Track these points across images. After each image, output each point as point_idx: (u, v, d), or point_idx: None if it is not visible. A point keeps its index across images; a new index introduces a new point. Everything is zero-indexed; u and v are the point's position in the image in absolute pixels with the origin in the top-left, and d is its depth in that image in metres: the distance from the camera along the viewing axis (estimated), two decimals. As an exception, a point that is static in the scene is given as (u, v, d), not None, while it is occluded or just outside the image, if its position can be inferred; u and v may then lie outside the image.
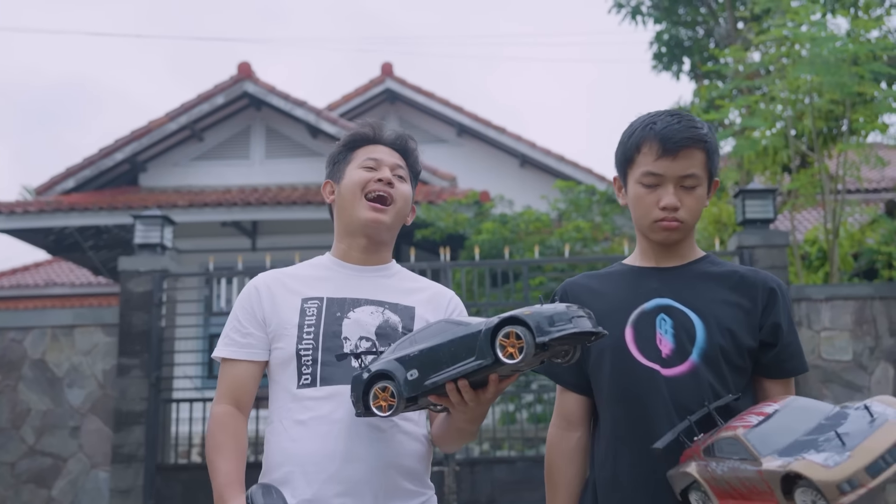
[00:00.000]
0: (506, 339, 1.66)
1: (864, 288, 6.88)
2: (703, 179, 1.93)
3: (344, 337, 1.99)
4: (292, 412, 1.98)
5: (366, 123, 2.21)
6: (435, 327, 1.79)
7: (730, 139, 9.33)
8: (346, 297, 2.06)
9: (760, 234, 6.75)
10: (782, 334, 1.91)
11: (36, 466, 6.89)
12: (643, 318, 1.92)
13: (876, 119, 8.35)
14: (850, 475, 1.42)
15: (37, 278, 18.34)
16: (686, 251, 2.01)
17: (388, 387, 1.76)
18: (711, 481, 1.66)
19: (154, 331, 6.98)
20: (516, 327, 1.65)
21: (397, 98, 14.66)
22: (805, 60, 7.97)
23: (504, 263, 7.27)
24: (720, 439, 1.66)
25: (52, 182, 12.25)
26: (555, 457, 2.02)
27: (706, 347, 1.86)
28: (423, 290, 2.16)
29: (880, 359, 6.66)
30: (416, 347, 1.76)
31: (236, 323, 2.08)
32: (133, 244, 7.29)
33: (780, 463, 1.51)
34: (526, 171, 14.14)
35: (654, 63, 12.18)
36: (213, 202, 11.09)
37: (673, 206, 1.91)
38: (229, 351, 2.07)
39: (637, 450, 1.85)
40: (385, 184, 2.10)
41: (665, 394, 1.84)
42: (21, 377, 7.01)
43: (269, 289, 2.09)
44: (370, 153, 2.15)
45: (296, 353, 1.99)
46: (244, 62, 12.03)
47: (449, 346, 1.72)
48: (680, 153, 1.90)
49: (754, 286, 1.93)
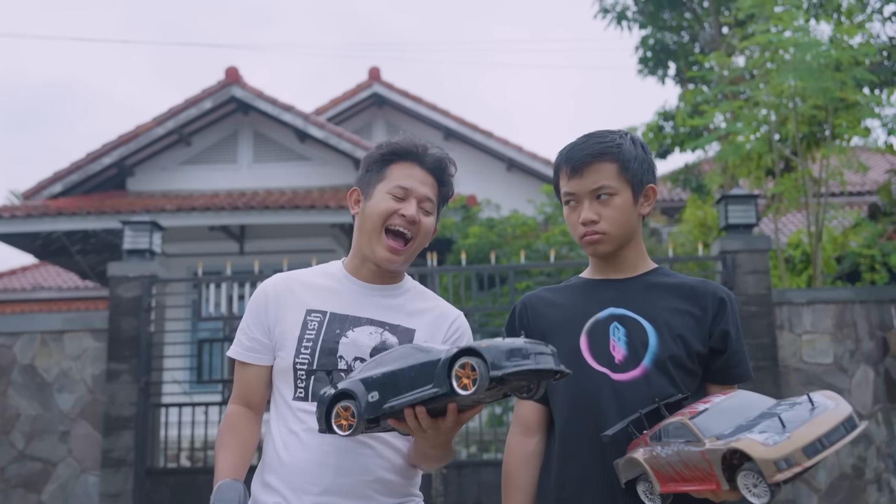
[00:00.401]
0: (461, 370, 1.66)
1: (845, 292, 6.98)
2: (620, 189, 2.00)
3: (339, 355, 2.01)
4: (287, 421, 2.02)
5: (412, 141, 2.11)
6: (400, 351, 1.79)
7: (714, 144, 9.42)
8: (349, 315, 2.05)
9: (743, 239, 6.84)
10: (731, 342, 2.00)
11: (25, 471, 6.91)
12: (597, 327, 2.00)
13: (858, 124, 8.46)
14: (788, 454, 1.50)
15: (24, 282, 18.29)
16: (636, 263, 2.09)
17: (350, 406, 1.78)
18: (655, 466, 1.73)
19: (143, 336, 7.01)
20: (472, 359, 1.65)
21: (385, 102, 14.73)
22: (788, 65, 8.06)
23: (490, 268, 7.33)
24: (667, 424, 1.74)
25: (40, 186, 12.25)
26: (512, 461, 2.08)
27: (658, 353, 1.94)
28: (428, 312, 2.13)
29: (860, 361, 6.76)
30: (379, 370, 1.78)
31: (246, 326, 2.11)
32: (122, 250, 7.32)
33: (724, 441, 1.59)
34: (513, 175, 14.23)
35: (640, 68, 12.26)
36: (201, 206, 11.11)
37: (589, 220, 2.01)
38: (236, 352, 2.11)
39: (587, 450, 1.93)
40: (408, 222, 2.05)
41: (616, 397, 1.92)
42: (10, 382, 7.03)
43: (277, 295, 2.10)
44: (404, 178, 2.06)
45: (292, 366, 2.02)
46: (231, 67, 12.06)
47: (410, 371, 1.73)
48: (585, 169, 2.00)
49: (704, 296, 2.02)
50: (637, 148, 2.04)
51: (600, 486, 1.91)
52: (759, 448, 1.52)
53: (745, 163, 8.96)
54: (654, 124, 11.01)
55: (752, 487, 1.55)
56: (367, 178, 2.11)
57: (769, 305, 6.74)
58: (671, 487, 1.72)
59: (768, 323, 6.70)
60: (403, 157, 2.09)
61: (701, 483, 1.65)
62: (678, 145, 10.79)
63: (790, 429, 1.54)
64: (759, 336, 6.68)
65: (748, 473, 1.55)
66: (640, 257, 2.10)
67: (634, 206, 2.03)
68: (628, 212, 2.01)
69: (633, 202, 2.02)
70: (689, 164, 11.72)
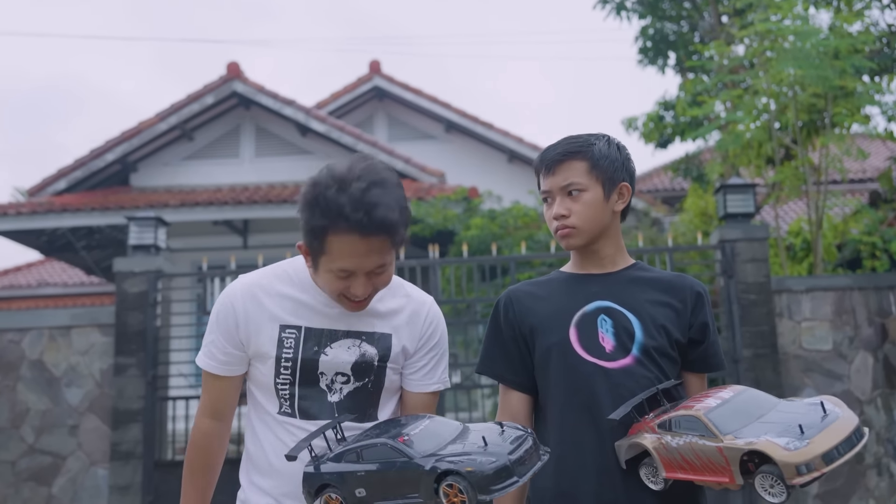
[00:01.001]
0: (449, 489, 1.68)
1: (844, 279, 7.03)
2: (590, 185, 2.10)
3: (320, 372, 2.01)
4: (276, 430, 2.04)
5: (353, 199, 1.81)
6: (379, 449, 1.78)
7: (715, 133, 9.46)
8: (325, 329, 2.03)
9: (742, 228, 6.89)
10: (709, 333, 2.13)
11: (36, 465, 7.00)
12: (585, 319, 2.10)
13: (858, 111, 8.49)
14: (808, 460, 1.59)
15: (29, 279, 18.38)
16: (615, 258, 2.20)
17: (338, 497, 1.80)
18: (663, 452, 1.82)
19: (149, 330, 7.09)
20: (459, 480, 1.66)
21: (385, 95, 14.77)
22: (788, 54, 8.09)
23: (492, 259, 7.39)
24: (678, 416, 1.81)
25: (44, 183, 12.32)
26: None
27: (644, 343, 2.05)
28: (401, 311, 2.10)
29: (859, 348, 6.82)
30: (362, 467, 1.78)
31: (216, 341, 2.06)
32: (127, 245, 7.39)
33: (744, 441, 1.67)
34: (514, 166, 14.27)
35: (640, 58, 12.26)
36: (205, 201, 11.18)
37: (559, 215, 2.12)
38: (211, 366, 2.08)
39: (585, 437, 2.02)
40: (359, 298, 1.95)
41: (610, 384, 2.02)
42: (20, 377, 7.12)
43: (246, 311, 2.03)
44: (345, 258, 1.86)
45: (274, 386, 2.03)
46: (233, 62, 12.11)
47: (394, 475, 1.74)
48: (556, 168, 2.13)
49: (682, 289, 2.14)
50: (611, 149, 2.14)
51: (598, 472, 2.00)
52: (782, 452, 1.61)
53: (745, 152, 9.00)
54: (655, 114, 11.04)
55: (769, 488, 1.64)
56: (308, 243, 1.91)
57: (768, 293, 6.80)
58: (677, 475, 1.81)
59: (767, 311, 6.76)
60: (342, 230, 1.82)
61: (713, 475, 1.73)
62: (679, 135, 10.82)
63: (809, 435, 1.62)
64: (759, 324, 6.74)
65: (766, 476, 1.63)
66: (618, 252, 2.20)
67: (605, 203, 2.12)
68: (598, 207, 2.11)
69: (604, 198, 2.12)
70: (690, 153, 11.74)
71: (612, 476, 1.98)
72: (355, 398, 2.03)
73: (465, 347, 7.67)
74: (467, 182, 11.88)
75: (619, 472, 1.96)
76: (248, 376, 2.11)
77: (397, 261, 7.30)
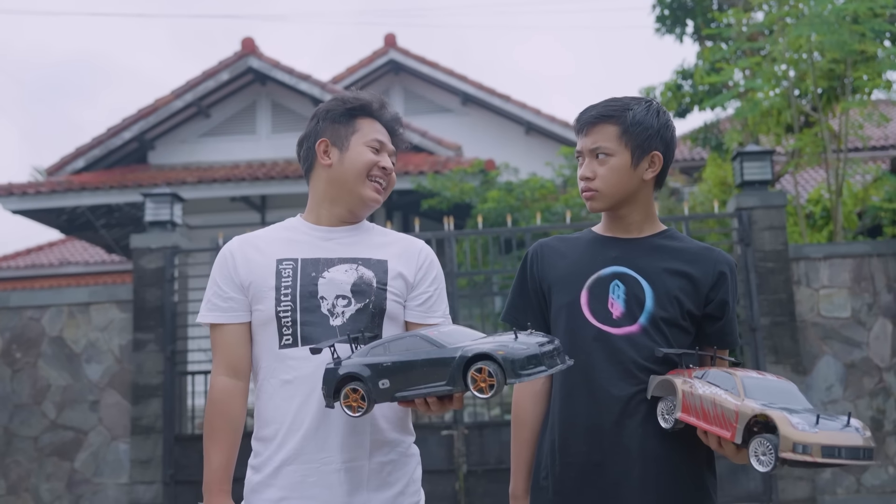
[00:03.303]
0: (478, 374, 1.70)
1: (862, 246, 6.95)
2: (618, 151, 2.09)
3: (321, 297, 2.06)
4: (278, 372, 2.06)
5: (373, 96, 2.23)
6: (409, 340, 1.83)
7: (733, 101, 9.35)
8: (320, 258, 2.11)
9: (759, 196, 6.83)
10: (728, 311, 2.11)
11: (58, 440, 7.10)
12: (598, 283, 2.11)
13: (879, 76, 8.36)
14: (809, 443, 1.64)
15: (51, 258, 18.56)
16: (642, 225, 2.18)
17: (360, 389, 1.82)
18: (687, 395, 1.88)
19: (167, 306, 7.14)
20: (490, 364, 1.69)
21: (401, 69, 14.69)
22: (806, 20, 7.97)
23: (507, 231, 7.36)
24: (716, 371, 1.88)
25: (63, 162, 12.41)
26: (521, 398, 2.22)
27: (653, 313, 2.05)
28: (394, 244, 2.22)
29: (878, 315, 6.75)
30: (388, 358, 1.82)
31: (217, 288, 2.13)
32: (144, 222, 7.44)
33: (761, 405, 1.72)
34: (531, 138, 14.18)
35: (658, 26, 12.12)
36: (222, 178, 11.22)
37: (584, 177, 2.13)
38: (214, 316, 2.13)
39: (579, 398, 2.06)
40: (385, 173, 2.18)
41: (610, 350, 2.04)
42: (40, 354, 7.21)
43: (244, 253, 2.14)
44: (375, 132, 2.18)
45: (275, 315, 2.06)
46: (248, 38, 12.10)
47: (422, 364, 1.77)
48: (589, 130, 2.12)
49: (706, 263, 2.11)
50: (649, 115, 2.10)
51: (588, 433, 2.05)
52: (788, 427, 1.66)
53: (764, 119, 8.90)
54: (673, 83, 10.91)
55: (760, 455, 1.69)
56: (334, 130, 2.17)
57: (786, 261, 6.74)
58: (689, 419, 1.87)
59: (785, 278, 6.71)
60: (366, 113, 2.19)
61: (718, 426, 1.79)
62: (697, 104, 10.69)
63: (821, 427, 1.67)
64: (777, 291, 6.69)
65: (763, 441, 1.69)
66: (646, 220, 2.17)
67: (633, 170, 2.10)
68: (623, 173, 2.09)
69: (632, 165, 2.09)
70: (709, 122, 11.61)
71: (602, 438, 2.02)
72: (357, 320, 2.07)
73: (483, 320, 7.66)
74: (484, 155, 11.83)
75: (608, 435, 2.01)
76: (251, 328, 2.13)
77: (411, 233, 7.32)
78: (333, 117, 2.19)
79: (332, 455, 2.01)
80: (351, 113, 2.18)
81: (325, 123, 2.19)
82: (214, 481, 2.05)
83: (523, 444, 2.20)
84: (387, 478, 2.06)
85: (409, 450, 2.16)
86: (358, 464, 2.02)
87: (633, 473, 1.99)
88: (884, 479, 6.57)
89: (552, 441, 2.11)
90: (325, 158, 2.17)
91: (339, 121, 2.18)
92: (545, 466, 2.12)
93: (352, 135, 2.16)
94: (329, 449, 2.01)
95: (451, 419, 6.88)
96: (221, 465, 2.06)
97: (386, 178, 2.18)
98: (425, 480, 2.26)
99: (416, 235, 7.13)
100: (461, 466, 6.71)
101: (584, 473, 2.04)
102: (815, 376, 6.68)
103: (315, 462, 2.00)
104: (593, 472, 2.03)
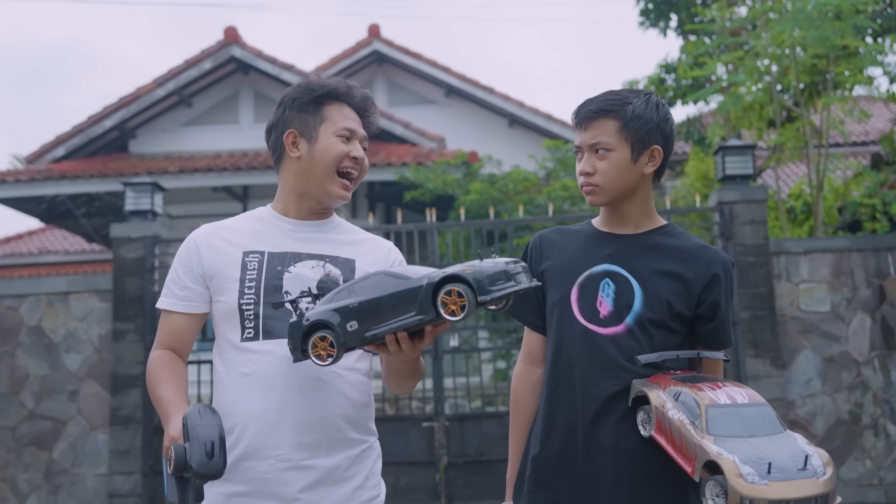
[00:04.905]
0: (447, 297, 1.69)
1: (842, 241, 7.00)
2: (618, 146, 2.07)
3: (285, 291, 2.02)
4: (237, 365, 2.02)
5: (336, 80, 2.15)
6: (373, 279, 1.80)
7: (716, 95, 9.38)
8: (287, 252, 2.08)
9: (740, 190, 6.85)
10: (720, 312, 2.10)
11: (36, 430, 7.04)
12: (589, 281, 2.10)
13: (860, 72, 8.41)
14: (755, 498, 1.62)
15: (31, 246, 18.40)
16: (640, 220, 2.16)
17: (328, 336, 1.80)
18: (660, 415, 1.86)
19: (147, 296, 7.09)
20: (458, 285, 1.68)
21: (385, 60, 14.65)
22: (789, 15, 8.01)
23: (490, 223, 7.36)
24: (687, 394, 1.84)
25: (43, 150, 12.30)
26: (519, 388, 2.23)
27: (640, 315, 2.04)
28: (362, 243, 2.18)
29: (857, 309, 6.80)
30: (355, 299, 1.79)
31: (175, 276, 2.10)
32: (124, 211, 7.38)
33: (715, 450, 1.69)
34: (514, 130, 14.19)
35: (641, 20, 12.15)
36: (204, 168, 11.16)
37: (584, 172, 2.11)
38: (167, 303, 2.10)
39: (561, 394, 2.08)
40: (357, 163, 2.12)
41: (594, 349, 2.04)
42: (19, 343, 7.14)
43: (210, 243, 2.10)
44: (344, 119, 2.11)
45: (238, 308, 2.02)
46: (230, 26, 12.02)
47: (389, 299, 1.75)
48: (588, 124, 2.10)
49: (699, 263, 2.09)
50: (648, 109, 2.08)
51: (565, 430, 2.06)
52: (737, 479, 1.63)
53: (746, 114, 8.94)
54: (656, 77, 10.95)
55: (714, 497, 1.68)
56: (302, 120, 2.10)
57: (766, 255, 6.77)
58: (660, 440, 1.86)
59: (766, 273, 6.74)
60: (334, 98, 2.12)
61: (683, 459, 1.78)
62: (680, 98, 10.73)
63: (774, 478, 1.64)
64: (757, 286, 6.72)
65: (715, 485, 1.67)
66: (644, 215, 2.16)
67: (633, 164, 2.08)
68: (623, 168, 2.08)
69: (632, 160, 2.08)
70: (691, 116, 11.65)
71: (577, 435, 2.04)
72: None
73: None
74: (467, 147, 11.82)
75: (584, 432, 2.02)
76: (213, 320, 2.11)
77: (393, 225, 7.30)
78: (300, 105, 2.11)
79: (288, 452, 1.98)
80: (318, 100, 2.11)
81: (292, 112, 2.11)
82: (169, 403, 1.95)
83: (520, 431, 2.21)
84: (343, 473, 2.04)
85: (369, 448, 2.13)
86: (314, 462, 2.00)
87: (606, 471, 2.00)
88: (860, 472, 6.64)
89: (537, 433, 2.13)
90: (293, 150, 2.11)
91: (307, 109, 2.10)
92: (527, 459, 2.15)
93: (320, 124, 2.09)
94: (285, 446, 1.98)
95: (433, 411, 6.88)
96: (172, 395, 1.97)
97: (357, 167, 2.12)
98: (406, 472, 2.26)
99: (399, 227, 7.14)
100: (442, 458, 6.71)
101: (559, 468, 2.05)
102: (795, 370, 6.73)
103: (271, 459, 1.97)
104: (568, 468, 2.04)
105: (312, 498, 1.98)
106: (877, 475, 6.62)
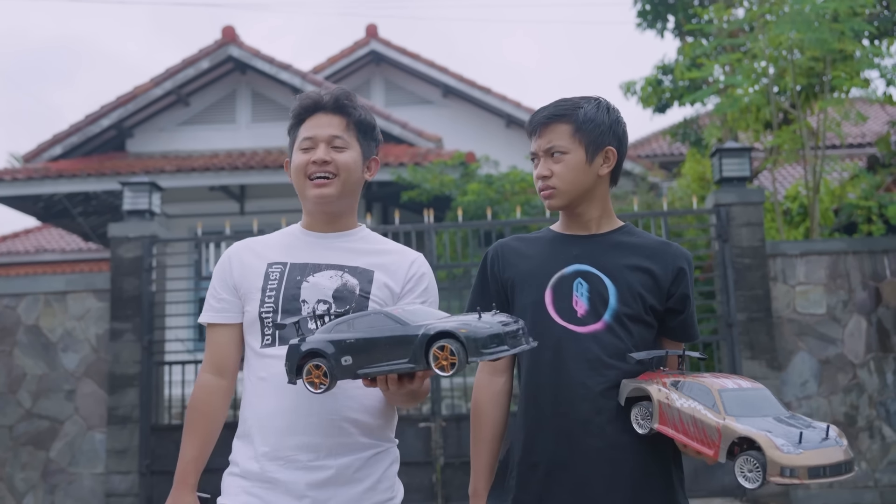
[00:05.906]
0: (440, 351, 1.71)
1: (838, 243, 7.02)
2: (572, 148, 2.13)
3: (302, 300, 2.11)
4: (256, 369, 2.13)
5: (306, 94, 2.25)
6: (373, 318, 1.83)
7: (713, 97, 9.40)
8: (308, 263, 2.17)
9: (737, 192, 6.87)
10: (689, 304, 2.15)
11: (33, 429, 7.05)
12: (562, 282, 2.13)
13: (857, 75, 8.43)
14: (795, 466, 1.66)
15: (27, 245, 18.39)
16: (600, 221, 2.21)
17: (322, 366, 1.84)
18: (664, 407, 1.89)
19: (145, 295, 7.10)
20: (451, 342, 1.70)
21: (382, 59, 14.65)
22: (786, 17, 8.03)
23: (486, 224, 7.38)
24: (692, 382, 1.87)
25: (40, 149, 12.28)
26: (481, 399, 2.23)
27: (617, 310, 2.08)
28: (386, 253, 2.23)
29: (853, 311, 6.83)
30: (353, 335, 1.82)
31: (213, 290, 2.24)
32: (122, 210, 7.38)
33: (745, 427, 1.73)
34: (512, 131, 14.19)
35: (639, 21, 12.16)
36: (201, 167, 11.14)
37: (541, 175, 2.17)
38: (207, 316, 2.24)
39: (546, 397, 2.08)
40: (320, 165, 2.16)
41: (577, 349, 2.06)
42: (16, 342, 7.14)
43: (240, 257, 2.23)
44: (308, 129, 2.20)
45: (258, 316, 2.13)
46: (228, 26, 12.01)
47: (385, 342, 1.78)
48: (542, 130, 2.16)
49: (665, 258, 2.15)
50: (599, 112, 2.15)
51: (555, 433, 2.06)
52: (774, 451, 1.68)
53: (743, 116, 8.95)
54: (653, 78, 10.97)
55: (746, 472, 1.71)
56: (290, 144, 2.27)
57: (763, 257, 6.79)
58: (668, 431, 1.88)
59: (762, 275, 6.77)
60: (308, 113, 2.23)
61: (700, 444, 1.80)
62: (677, 99, 10.76)
63: (805, 447, 1.69)
64: (753, 288, 6.74)
65: (749, 459, 1.71)
66: (604, 216, 2.21)
67: (588, 166, 2.14)
68: (579, 170, 2.13)
69: (587, 161, 2.13)
70: (688, 117, 11.68)
71: (568, 437, 2.04)
72: None
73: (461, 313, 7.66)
74: (464, 147, 11.83)
75: (575, 434, 2.02)
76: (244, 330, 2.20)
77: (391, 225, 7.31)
78: (288, 131, 2.27)
79: (297, 453, 2.05)
80: (298, 121, 2.25)
81: (289, 140, 2.28)
82: (183, 473, 2.12)
83: (482, 442, 2.21)
84: (353, 474, 2.08)
85: (384, 452, 2.18)
86: (322, 462, 2.05)
87: (600, 472, 2.00)
88: (856, 474, 6.65)
89: (518, 441, 2.12)
90: (288, 174, 2.30)
91: (290, 133, 2.26)
92: (512, 467, 2.14)
93: (293, 144, 2.25)
94: (295, 447, 2.05)
95: (429, 411, 6.89)
96: (192, 459, 2.13)
97: (324, 168, 2.17)
98: (402, 473, 2.27)
99: (396, 227, 7.14)
100: (438, 458, 6.73)
101: (550, 473, 2.05)
102: (791, 372, 6.75)
103: (281, 459, 2.05)
104: (560, 472, 2.04)
105: (321, 496, 2.04)
106: (872, 477, 6.64)
